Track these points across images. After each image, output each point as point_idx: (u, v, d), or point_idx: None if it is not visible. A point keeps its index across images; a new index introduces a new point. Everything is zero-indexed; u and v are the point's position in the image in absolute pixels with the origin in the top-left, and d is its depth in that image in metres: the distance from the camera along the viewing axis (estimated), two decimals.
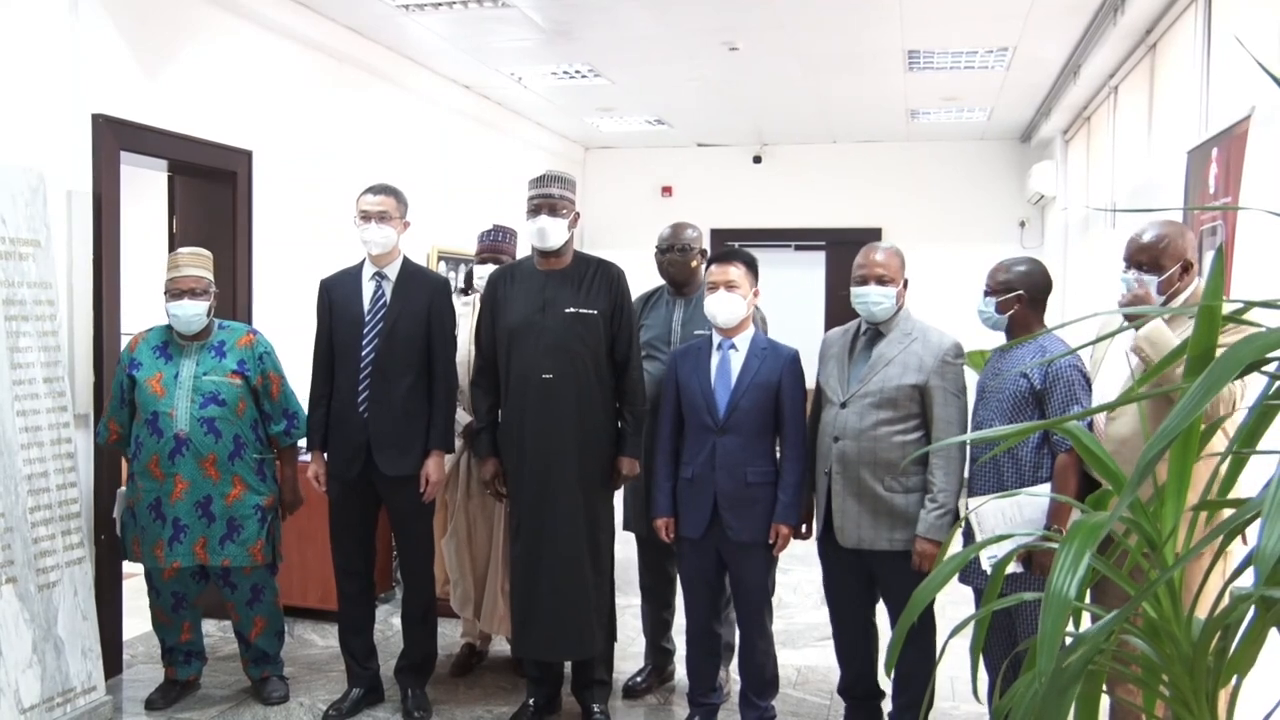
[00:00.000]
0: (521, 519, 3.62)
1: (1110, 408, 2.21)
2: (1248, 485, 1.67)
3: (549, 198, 3.59)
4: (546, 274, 3.63)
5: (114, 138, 4.14)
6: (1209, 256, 3.71)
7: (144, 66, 4.37)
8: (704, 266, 3.76)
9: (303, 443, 3.97)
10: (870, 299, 3.31)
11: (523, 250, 4.00)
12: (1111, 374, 3.05)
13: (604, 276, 3.65)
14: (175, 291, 3.73)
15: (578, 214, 3.69)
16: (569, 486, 3.54)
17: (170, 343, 3.81)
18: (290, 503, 3.97)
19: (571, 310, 3.56)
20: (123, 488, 3.91)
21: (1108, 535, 1.50)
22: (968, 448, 3.25)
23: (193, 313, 3.75)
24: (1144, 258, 2.90)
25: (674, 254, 3.98)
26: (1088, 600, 2.07)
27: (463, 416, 4.08)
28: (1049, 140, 8.27)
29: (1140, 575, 1.76)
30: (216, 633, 4.64)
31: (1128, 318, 2.64)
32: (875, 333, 3.37)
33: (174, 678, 3.98)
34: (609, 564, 3.70)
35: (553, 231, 3.57)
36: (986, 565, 3.02)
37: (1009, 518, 3.03)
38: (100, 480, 4.07)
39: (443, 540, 4.22)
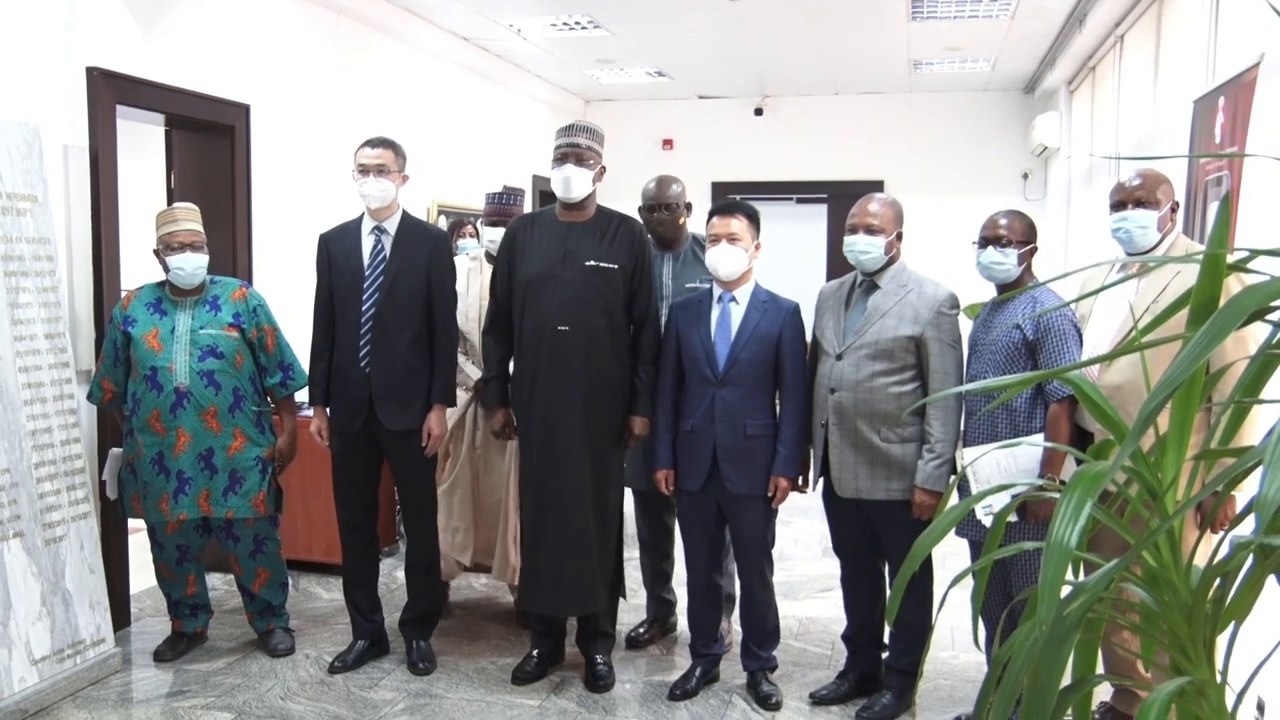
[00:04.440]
0: (530, 473, 3.63)
1: (1107, 359, 2.21)
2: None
3: (575, 147, 3.53)
4: (568, 225, 3.59)
5: (110, 92, 4.10)
6: (1214, 207, 3.69)
7: (140, 19, 4.32)
8: (691, 220, 3.70)
9: (303, 397, 3.97)
10: (858, 247, 3.31)
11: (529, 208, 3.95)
12: (1102, 324, 3.06)
13: (626, 231, 3.60)
14: (177, 245, 3.71)
15: (604, 167, 3.63)
16: (577, 441, 3.53)
17: (164, 298, 3.79)
18: (286, 455, 3.97)
19: (592, 263, 3.52)
20: (116, 449, 3.92)
21: None
22: (963, 399, 3.26)
23: (195, 265, 3.74)
24: (1141, 194, 2.99)
25: (662, 212, 3.93)
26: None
27: (472, 370, 4.08)
28: (1053, 91, 8.19)
29: (1140, 524, 1.77)
30: (222, 586, 4.68)
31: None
32: (870, 284, 3.36)
33: (181, 630, 4.02)
34: (617, 520, 3.70)
35: (577, 182, 3.53)
36: (982, 516, 3.04)
37: (1004, 468, 3.05)
38: (104, 435, 4.08)
39: (441, 490, 4.22)
